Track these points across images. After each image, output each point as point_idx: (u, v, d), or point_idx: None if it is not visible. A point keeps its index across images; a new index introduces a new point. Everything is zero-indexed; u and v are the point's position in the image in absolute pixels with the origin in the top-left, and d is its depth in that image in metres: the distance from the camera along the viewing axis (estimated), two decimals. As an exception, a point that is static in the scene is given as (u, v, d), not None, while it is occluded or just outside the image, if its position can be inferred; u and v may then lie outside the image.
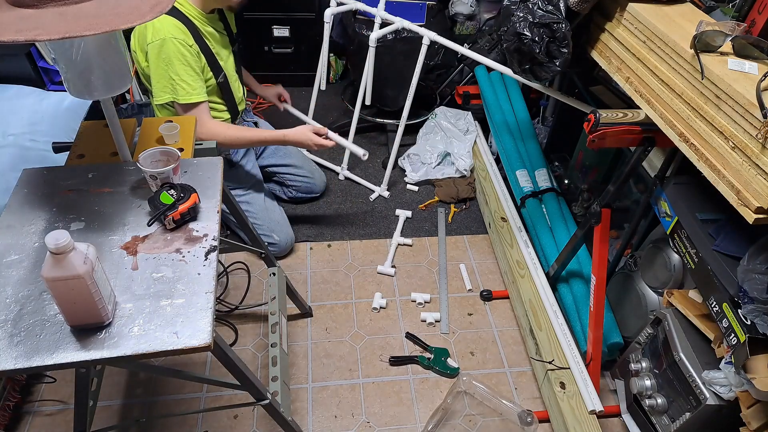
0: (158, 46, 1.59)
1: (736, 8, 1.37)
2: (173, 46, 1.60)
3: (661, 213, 1.47)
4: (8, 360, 0.86)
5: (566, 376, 1.61)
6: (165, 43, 1.59)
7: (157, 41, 1.59)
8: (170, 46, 1.60)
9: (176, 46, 1.61)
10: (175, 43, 1.60)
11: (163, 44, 1.59)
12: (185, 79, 1.65)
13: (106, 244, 1.05)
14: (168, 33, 1.59)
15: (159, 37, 1.58)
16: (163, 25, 1.59)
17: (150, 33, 1.60)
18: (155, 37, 1.59)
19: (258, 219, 2.01)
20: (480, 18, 2.96)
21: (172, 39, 1.60)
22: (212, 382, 1.29)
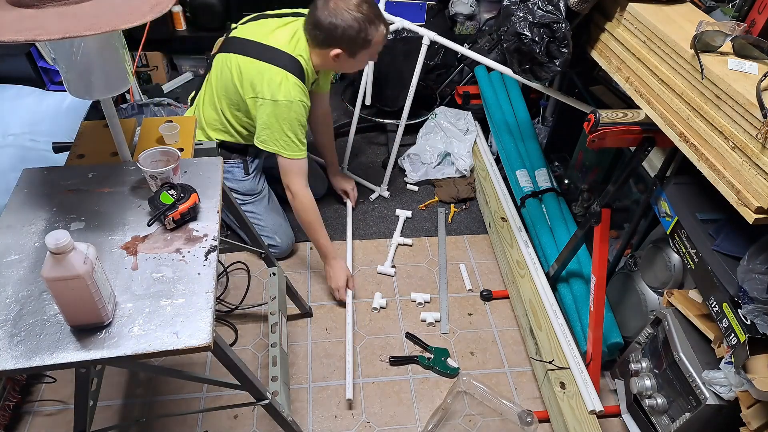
0: (286, 106, 1.64)
1: (736, 8, 1.37)
2: (299, 109, 1.67)
3: (661, 213, 1.47)
4: (8, 360, 0.86)
5: (566, 376, 1.61)
6: (292, 106, 1.64)
7: (285, 102, 1.64)
8: (296, 109, 1.66)
9: (301, 110, 1.67)
10: (300, 107, 1.67)
11: (290, 106, 1.64)
12: (300, 138, 1.71)
13: (106, 244, 1.05)
14: (297, 96, 1.65)
15: (288, 99, 1.63)
16: (292, 88, 1.64)
17: (280, 91, 1.63)
18: (285, 97, 1.63)
19: (262, 221, 2.01)
20: (480, 18, 2.96)
21: (300, 102, 1.66)
22: (212, 382, 1.29)
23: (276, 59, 1.65)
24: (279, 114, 1.65)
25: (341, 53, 1.65)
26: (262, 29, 1.73)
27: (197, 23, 2.93)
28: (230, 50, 1.73)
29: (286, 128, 1.67)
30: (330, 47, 1.64)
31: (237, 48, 1.72)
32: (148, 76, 2.97)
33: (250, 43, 1.70)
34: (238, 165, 1.95)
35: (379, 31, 1.65)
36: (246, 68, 1.68)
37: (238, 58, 1.70)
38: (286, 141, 1.69)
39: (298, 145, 1.72)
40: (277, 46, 1.67)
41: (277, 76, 1.64)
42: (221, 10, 2.88)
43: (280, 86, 1.63)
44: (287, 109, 1.64)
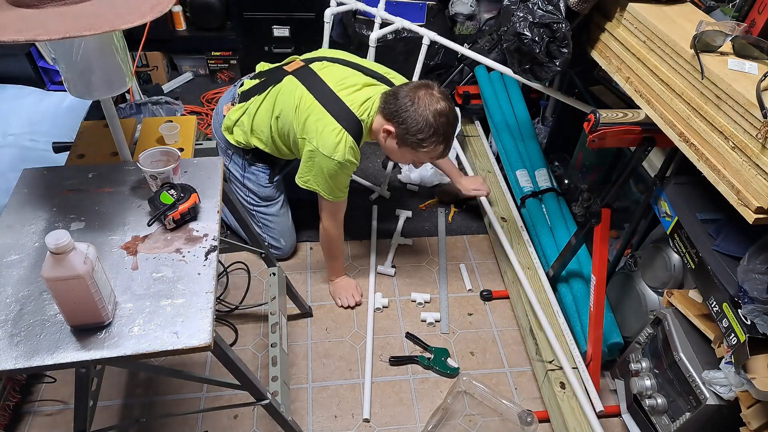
0: (337, 165, 1.61)
1: (736, 8, 1.37)
2: (349, 169, 1.65)
3: (661, 213, 1.47)
4: (8, 360, 0.86)
5: (566, 376, 1.61)
6: (344, 165, 1.61)
7: (338, 161, 1.60)
8: (347, 169, 1.64)
9: (350, 170, 1.66)
10: (350, 167, 1.65)
11: (341, 166, 1.61)
12: (342, 186, 1.70)
13: (106, 244, 1.05)
14: (349, 158, 1.61)
15: (341, 159, 1.60)
16: (348, 151, 1.60)
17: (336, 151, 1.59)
18: (339, 157, 1.59)
19: (271, 223, 2.01)
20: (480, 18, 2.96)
21: (350, 164, 1.63)
22: (212, 382, 1.29)
23: (341, 116, 1.61)
24: (329, 168, 1.62)
25: (392, 132, 1.59)
26: (342, 77, 1.68)
27: (197, 23, 2.93)
28: (304, 82, 1.68)
29: (332, 182, 1.65)
30: (389, 121, 1.58)
31: (310, 84, 1.67)
32: (148, 76, 2.97)
33: (324, 87, 1.65)
34: (264, 171, 1.92)
35: (434, 148, 1.57)
36: (308, 109, 1.63)
37: (306, 94, 1.65)
38: (330, 188, 1.67)
39: (341, 191, 1.71)
40: (348, 104, 1.62)
41: (336, 134, 1.59)
42: (221, 10, 2.88)
43: (338, 145, 1.59)
44: (338, 166, 1.61)
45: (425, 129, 1.52)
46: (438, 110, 1.52)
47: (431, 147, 1.56)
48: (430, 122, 1.51)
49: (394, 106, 1.56)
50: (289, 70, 1.75)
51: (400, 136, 1.57)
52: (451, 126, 1.57)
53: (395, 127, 1.57)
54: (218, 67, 3.05)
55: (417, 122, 1.52)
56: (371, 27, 2.32)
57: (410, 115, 1.52)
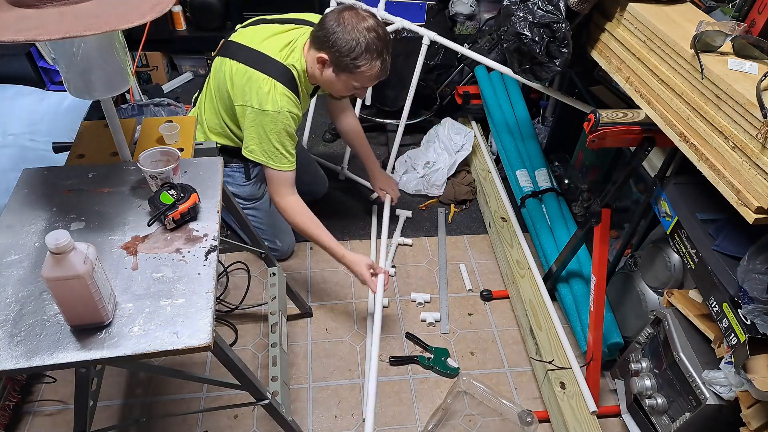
0: (272, 116, 1.58)
1: (736, 8, 1.37)
2: (287, 120, 1.60)
3: (661, 213, 1.47)
4: (8, 360, 0.86)
5: (566, 376, 1.61)
6: (279, 116, 1.58)
7: (272, 111, 1.57)
8: (284, 120, 1.59)
9: (289, 121, 1.61)
10: (288, 117, 1.60)
11: (277, 117, 1.58)
12: (288, 149, 1.65)
13: (106, 244, 1.05)
14: (285, 107, 1.58)
15: (275, 109, 1.57)
16: (280, 98, 1.58)
17: (268, 101, 1.57)
18: (273, 107, 1.57)
19: (263, 225, 2.00)
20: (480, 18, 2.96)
21: (288, 113, 1.59)
22: (212, 382, 1.29)
23: (266, 67, 1.59)
24: (266, 124, 1.59)
25: (326, 61, 1.56)
26: (259, 35, 1.67)
27: (197, 23, 2.93)
28: (226, 54, 1.68)
29: (274, 139, 1.61)
30: (320, 50, 1.56)
31: (232, 53, 1.67)
32: (148, 76, 2.97)
33: (243, 49, 1.65)
34: (239, 170, 1.92)
35: (370, 66, 1.54)
36: (237, 74, 1.62)
37: (231, 63, 1.64)
38: (273, 152, 1.63)
39: (286, 157, 1.65)
40: (268, 53, 1.61)
41: (265, 84, 1.57)
42: (221, 10, 2.88)
43: (268, 95, 1.57)
44: (274, 119, 1.58)
45: (356, 47, 1.50)
46: (366, 26, 1.51)
47: (367, 65, 1.54)
48: (359, 40, 1.50)
49: (322, 33, 1.54)
50: (214, 54, 1.76)
51: (334, 62, 1.55)
52: (382, 40, 1.54)
53: (328, 54, 1.55)
54: (218, 67, 3.05)
55: (347, 41, 1.50)
56: (371, 27, 2.32)
57: (339, 36, 1.50)
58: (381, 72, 1.59)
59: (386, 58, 1.57)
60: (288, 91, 1.59)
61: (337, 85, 1.63)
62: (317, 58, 1.57)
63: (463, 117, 2.72)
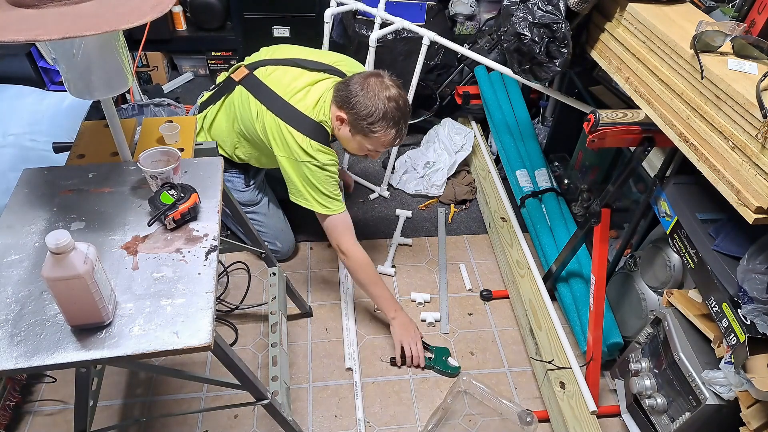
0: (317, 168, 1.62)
1: (736, 8, 1.37)
2: (329, 168, 1.64)
3: (660, 213, 1.47)
4: (8, 360, 0.86)
5: (566, 375, 1.61)
6: (322, 166, 1.62)
7: (315, 166, 1.62)
8: (327, 169, 1.64)
9: (332, 169, 1.65)
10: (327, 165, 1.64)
11: (322, 167, 1.62)
12: (334, 193, 1.68)
13: (107, 244, 1.05)
14: (323, 159, 1.62)
15: (317, 164, 1.62)
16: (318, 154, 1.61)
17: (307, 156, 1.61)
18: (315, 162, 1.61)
19: (263, 227, 2.01)
20: (480, 18, 2.96)
21: (330, 161, 1.64)
22: (212, 381, 1.29)
23: (300, 125, 1.62)
24: (311, 173, 1.62)
25: (344, 120, 1.60)
26: (291, 83, 1.67)
27: (197, 23, 2.93)
28: (252, 92, 1.69)
29: (321, 187, 1.64)
30: (341, 108, 1.59)
31: (260, 95, 1.67)
32: (148, 76, 2.97)
33: (274, 96, 1.65)
34: (239, 176, 1.94)
35: (385, 132, 1.58)
36: (270, 125, 1.64)
37: (260, 108, 1.66)
38: (324, 198, 1.66)
39: (336, 199, 1.68)
40: (302, 110, 1.63)
41: (302, 142, 1.61)
42: (221, 10, 2.88)
43: (306, 150, 1.61)
44: (318, 170, 1.62)
45: (375, 113, 1.54)
46: (388, 96, 1.55)
47: (382, 132, 1.58)
48: (379, 107, 1.54)
49: (345, 93, 1.58)
50: (236, 80, 1.75)
51: (352, 123, 1.59)
52: (401, 111, 1.58)
53: (346, 114, 1.59)
54: (218, 67, 3.05)
55: (366, 107, 1.55)
56: (371, 27, 2.32)
57: (359, 100, 1.55)
58: (395, 140, 1.63)
59: (402, 128, 1.62)
60: (322, 147, 1.63)
61: (352, 144, 1.66)
62: (337, 116, 1.61)
63: (463, 117, 2.73)
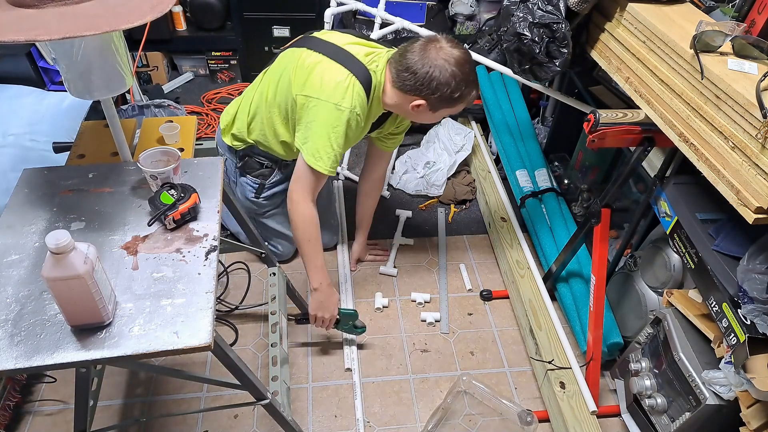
0: (343, 113, 1.48)
1: (736, 8, 1.37)
2: (353, 121, 1.50)
3: (660, 213, 1.47)
4: (8, 360, 0.86)
5: (566, 375, 1.61)
6: (351, 115, 1.49)
7: (345, 108, 1.48)
8: (351, 119, 1.50)
9: (354, 122, 1.51)
10: (356, 119, 1.51)
11: (348, 115, 1.48)
12: (338, 152, 1.52)
13: (107, 244, 1.05)
14: (357, 107, 1.49)
15: (349, 106, 1.47)
16: (356, 97, 1.49)
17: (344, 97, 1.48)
18: (347, 104, 1.47)
19: (266, 231, 1.99)
20: (480, 18, 2.96)
21: (357, 115, 1.50)
22: (212, 381, 1.29)
23: (348, 63, 1.50)
24: (334, 120, 1.48)
25: (423, 105, 1.49)
26: (344, 38, 1.59)
27: (197, 23, 2.93)
28: (303, 45, 1.59)
29: (333, 139, 1.49)
30: (415, 96, 1.48)
31: (311, 44, 1.57)
32: (148, 76, 2.97)
33: (326, 43, 1.56)
34: (254, 184, 1.85)
35: (471, 95, 1.50)
36: (312, 63, 1.52)
37: (308, 53, 1.54)
38: (323, 148, 1.50)
39: (332, 159, 1.52)
40: (353, 53, 1.52)
41: (345, 79, 1.48)
42: (221, 10, 2.88)
43: (346, 90, 1.47)
44: (343, 118, 1.48)
45: (459, 85, 1.44)
46: (456, 60, 1.44)
47: (468, 96, 1.50)
48: (459, 76, 1.44)
49: (413, 79, 1.46)
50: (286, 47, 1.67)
51: (434, 104, 1.49)
52: (472, 66, 1.48)
53: (425, 99, 1.48)
54: (218, 67, 3.05)
55: (449, 84, 1.43)
56: (371, 27, 2.32)
57: (439, 81, 1.43)
58: (476, 93, 1.54)
59: (477, 80, 1.51)
60: (363, 93, 1.50)
61: (431, 118, 1.58)
62: (414, 105, 1.50)
63: (463, 117, 2.73)
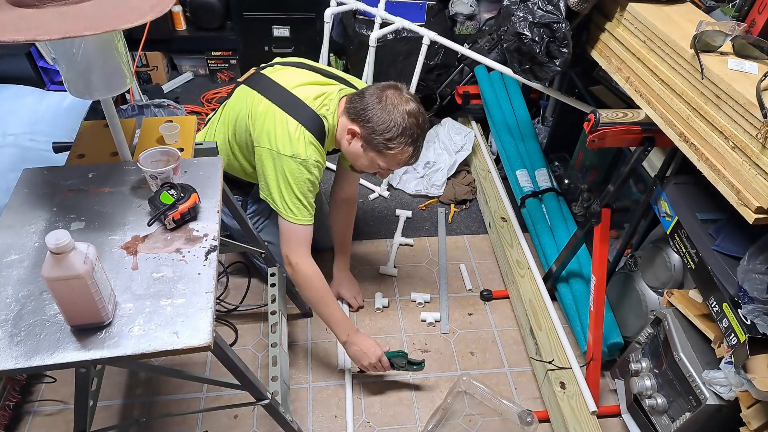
0: (299, 164, 1.45)
1: (736, 8, 1.37)
2: (314, 170, 1.47)
3: (661, 213, 1.47)
4: (8, 360, 0.86)
5: (566, 376, 1.61)
6: (307, 165, 1.46)
7: (300, 159, 1.45)
8: (311, 170, 1.47)
9: (315, 171, 1.48)
10: (315, 167, 1.48)
11: (305, 164, 1.45)
12: (309, 201, 1.51)
13: (107, 244, 1.05)
14: (312, 156, 1.46)
15: (301, 157, 1.45)
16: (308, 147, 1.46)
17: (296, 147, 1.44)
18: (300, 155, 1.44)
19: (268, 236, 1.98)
20: (480, 18, 2.96)
21: (315, 163, 1.47)
22: (212, 382, 1.29)
23: (296, 111, 1.47)
24: (288, 171, 1.45)
25: (357, 134, 1.47)
26: (295, 78, 1.55)
27: (197, 23, 2.93)
28: (255, 87, 1.55)
29: (297, 190, 1.46)
30: (354, 121, 1.47)
31: (262, 87, 1.54)
32: (148, 76, 2.97)
33: (275, 87, 1.52)
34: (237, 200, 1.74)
35: (402, 150, 1.46)
36: (262, 113, 1.49)
37: (258, 98, 1.52)
38: (294, 203, 1.48)
39: (307, 209, 1.50)
40: (302, 98, 1.49)
41: (295, 131, 1.45)
42: (221, 10, 2.88)
43: (297, 141, 1.45)
44: (298, 167, 1.45)
45: (393, 128, 1.42)
46: (407, 110, 1.43)
47: (399, 149, 1.45)
48: (397, 122, 1.42)
49: (360, 105, 1.46)
50: (241, 81, 1.64)
51: (366, 138, 1.47)
52: (420, 128, 1.46)
53: (360, 128, 1.46)
54: (218, 67, 3.05)
55: (384, 121, 1.42)
56: (371, 27, 2.32)
57: (376, 113, 1.43)
58: (411, 158, 1.51)
59: (419, 146, 1.50)
60: (315, 141, 1.48)
61: (362, 161, 1.53)
62: (349, 129, 1.49)
63: (463, 117, 2.73)
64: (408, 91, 1.49)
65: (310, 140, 1.47)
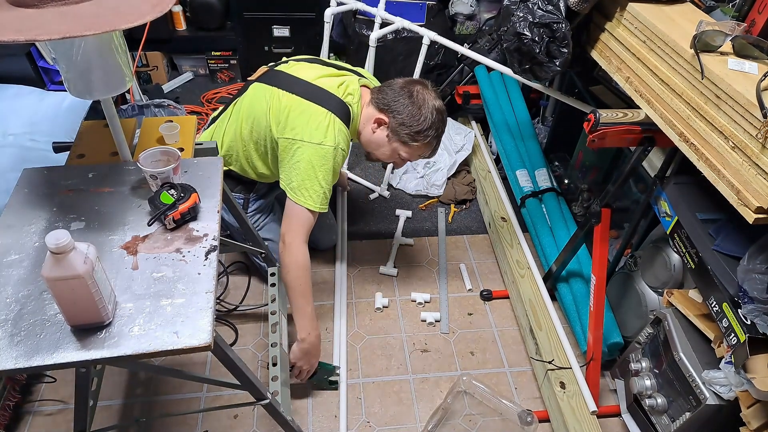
0: (328, 152, 1.47)
1: (736, 8, 1.37)
2: (339, 158, 1.50)
3: (661, 213, 1.47)
4: (8, 359, 0.86)
5: (566, 375, 1.61)
6: (336, 153, 1.48)
7: (329, 147, 1.47)
8: (337, 158, 1.49)
9: (340, 159, 1.51)
10: (341, 156, 1.51)
11: (333, 153, 1.48)
12: (327, 189, 1.52)
13: (107, 243, 1.05)
14: (341, 143, 1.49)
15: (333, 144, 1.47)
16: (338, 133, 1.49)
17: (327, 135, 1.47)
18: (331, 142, 1.47)
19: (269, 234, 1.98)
20: (480, 18, 2.96)
21: (342, 151, 1.50)
22: (212, 381, 1.29)
23: (325, 100, 1.50)
24: (317, 159, 1.47)
25: (385, 123, 1.52)
26: (312, 72, 1.59)
27: (197, 23, 2.93)
28: (273, 83, 1.57)
29: (320, 176, 1.48)
30: (382, 111, 1.52)
31: (282, 83, 1.56)
32: (148, 76, 2.98)
33: (297, 81, 1.55)
34: (239, 199, 1.81)
35: (426, 143, 1.53)
36: (289, 105, 1.50)
37: (281, 94, 1.53)
38: (313, 188, 1.48)
39: (322, 196, 1.51)
40: (326, 88, 1.52)
41: (325, 118, 1.48)
42: (221, 10, 2.88)
43: (327, 129, 1.47)
44: (329, 156, 1.47)
45: (423, 122, 1.50)
46: (436, 106, 1.52)
47: (425, 142, 1.53)
48: (427, 116, 1.51)
49: (389, 97, 1.53)
50: (253, 79, 1.66)
51: (393, 128, 1.52)
52: (444, 125, 1.56)
53: (389, 118, 1.52)
54: (218, 67, 3.05)
55: (414, 114, 1.50)
56: (371, 27, 2.32)
57: (407, 106, 1.50)
58: (432, 153, 1.60)
59: (440, 142, 1.60)
60: (344, 128, 1.52)
61: (384, 150, 1.57)
62: (376, 118, 1.53)
63: (463, 117, 2.73)
64: (434, 87, 1.56)
65: (340, 127, 1.50)
